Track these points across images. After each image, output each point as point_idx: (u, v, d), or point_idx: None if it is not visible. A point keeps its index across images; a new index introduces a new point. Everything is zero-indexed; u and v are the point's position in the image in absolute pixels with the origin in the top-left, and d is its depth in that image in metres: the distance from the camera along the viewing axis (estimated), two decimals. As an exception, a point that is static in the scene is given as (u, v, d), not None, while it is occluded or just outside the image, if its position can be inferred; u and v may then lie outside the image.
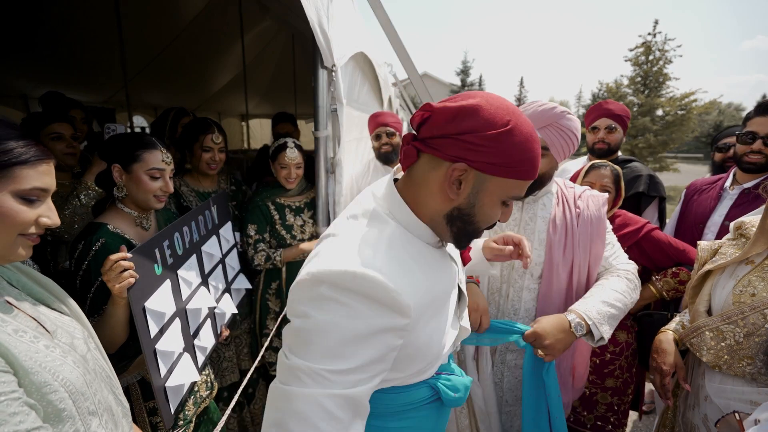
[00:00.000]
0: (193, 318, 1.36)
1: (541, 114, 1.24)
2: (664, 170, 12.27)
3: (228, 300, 1.64)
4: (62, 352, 0.70)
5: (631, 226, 1.69)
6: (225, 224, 1.73)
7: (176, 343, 1.24)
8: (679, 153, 15.68)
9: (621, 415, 1.75)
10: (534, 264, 1.36)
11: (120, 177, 1.28)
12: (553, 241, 1.34)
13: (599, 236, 1.34)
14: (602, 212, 1.38)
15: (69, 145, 1.83)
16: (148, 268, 1.16)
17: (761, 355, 1.07)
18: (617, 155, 2.29)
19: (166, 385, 1.18)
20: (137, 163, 1.28)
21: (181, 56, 4.06)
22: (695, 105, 12.52)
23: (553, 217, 1.37)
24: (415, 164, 0.74)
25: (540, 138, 1.20)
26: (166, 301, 1.21)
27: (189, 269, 1.37)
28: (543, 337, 1.14)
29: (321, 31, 1.60)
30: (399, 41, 2.08)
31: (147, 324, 1.12)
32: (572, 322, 1.18)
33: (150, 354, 1.13)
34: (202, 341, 1.40)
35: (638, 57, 13.32)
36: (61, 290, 0.83)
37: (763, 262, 1.15)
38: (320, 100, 1.73)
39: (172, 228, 1.32)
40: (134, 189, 1.29)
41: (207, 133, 1.89)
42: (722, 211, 1.82)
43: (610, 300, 1.24)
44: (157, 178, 1.31)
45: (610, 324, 1.21)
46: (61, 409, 0.66)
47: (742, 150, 1.73)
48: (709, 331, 1.18)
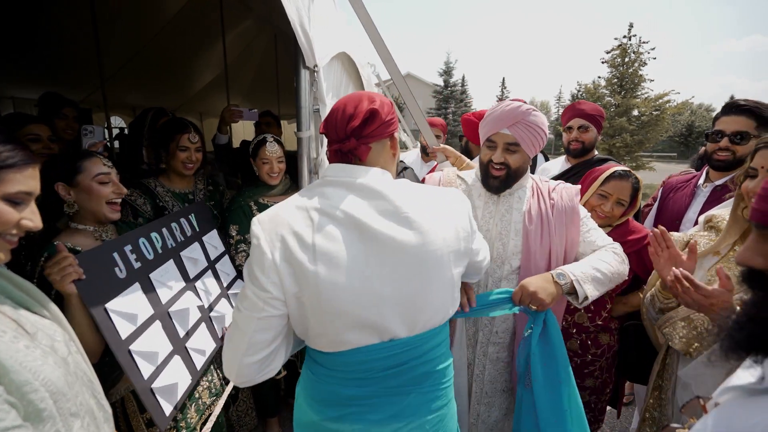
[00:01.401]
0: (180, 320, 1.37)
1: (509, 113, 1.33)
2: (640, 169, 12.66)
3: (226, 305, 1.64)
4: (43, 353, 0.70)
5: (636, 234, 1.70)
6: (209, 232, 1.75)
7: (160, 344, 1.24)
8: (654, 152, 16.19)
9: (597, 412, 1.80)
10: (512, 254, 1.42)
11: (67, 193, 1.26)
12: (529, 230, 1.40)
13: (573, 224, 1.42)
14: (575, 202, 1.44)
15: (45, 147, 1.79)
16: (105, 271, 1.17)
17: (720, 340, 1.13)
18: (593, 154, 2.36)
19: (153, 386, 1.17)
20: (81, 174, 1.26)
21: (160, 55, 3.99)
22: (669, 106, 12.98)
23: (528, 209, 1.43)
24: (371, 152, 0.96)
25: (510, 134, 1.33)
26: (137, 304, 1.22)
27: (166, 273, 1.39)
28: (526, 287, 1.19)
29: (302, 31, 1.60)
30: (381, 41, 2.10)
31: (113, 324, 1.13)
32: (554, 273, 1.24)
33: (124, 355, 1.12)
34: (198, 344, 1.40)
35: (614, 59, 13.73)
36: (42, 294, 0.82)
37: (728, 253, 1.22)
38: (302, 100, 1.73)
39: (136, 234, 1.33)
40: (86, 200, 1.27)
41: (183, 132, 1.87)
42: (696, 208, 1.87)
43: (595, 265, 1.29)
44: (106, 183, 1.30)
45: (595, 286, 1.25)
46: (42, 408, 0.65)
47: (712, 148, 1.79)
48: (681, 320, 1.24)
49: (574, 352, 1.74)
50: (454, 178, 1.57)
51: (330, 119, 0.96)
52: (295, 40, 1.61)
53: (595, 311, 1.72)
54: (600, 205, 1.68)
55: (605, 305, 1.73)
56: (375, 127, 0.93)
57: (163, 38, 3.75)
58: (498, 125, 1.35)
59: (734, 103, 1.72)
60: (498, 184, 1.41)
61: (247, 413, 2.23)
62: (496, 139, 1.37)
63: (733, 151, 1.72)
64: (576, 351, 1.74)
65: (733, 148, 1.72)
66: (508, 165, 1.37)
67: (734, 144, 1.71)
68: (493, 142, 1.39)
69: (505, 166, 1.37)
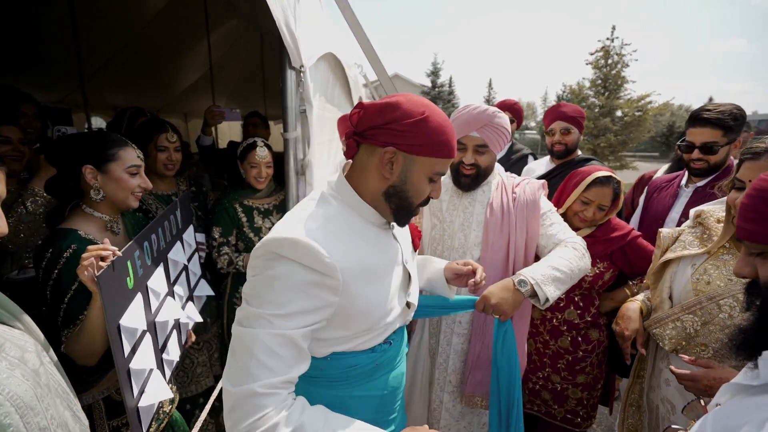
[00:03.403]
0: (161, 331, 1.30)
1: (477, 116, 1.40)
2: (624, 168, 12.92)
3: (191, 308, 1.58)
4: (9, 365, 0.66)
5: (619, 231, 1.74)
6: (187, 228, 1.66)
7: (148, 360, 1.17)
8: (636, 152, 16.55)
9: (590, 408, 1.83)
10: (473, 245, 1.50)
11: (94, 179, 1.21)
12: (490, 222, 1.48)
13: (534, 218, 1.48)
14: (537, 196, 1.51)
15: (15, 149, 1.70)
16: (120, 283, 1.08)
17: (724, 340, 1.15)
18: (576, 154, 2.40)
19: (139, 405, 1.11)
20: (113, 162, 1.23)
21: (143, 54, 3.90)
22: (650, 107, 13.27)
23: (490, 202, 1.51)
24: (357, 154, 0.91)
25: (479, 137, 1.41)
26: (138, 317, 1.14)
27: (157, 279, 1.31)
28: (488, 298, 1.22)
29: (288, 31, 1.58)
30: (368, 42, 2.09)
31: (122, 344, 1.05)
32: (515, 280, 1.26)
33: (124, 374, 1.05)
34: (170, 355, 1.34)
35: (598, 60, 13.97)
36: (12, 303, 0.79)
37: (718, 251, 1.24)
38: (289, 101, 1.71)
39: (142, 237, 1.24)
40: (113, 189, 1.24)
41: (161, 132, 1.84)
42: (679, 208, 1.91)
43: (554, 264, 1.31)
44: (135, 174, 1.27)
45: (556, 285, 1.27)
46: (7, 424, 0.62)
47: (687, 158, 1.82)
48: (672, 322, 1.26)
49: (566, 349, 1.78)
50: None
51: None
52: (281, 41, 1.59)
53: (584, 308, 1.76)
54: (582, 211, 1.72)
55: (593, 302, 1.77)
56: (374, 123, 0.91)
57: (145, 37, 3.67)
58: (467, 128, 1.43)
59: (698, 115, 1.72)
60: (469, 182, 1.50)
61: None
62: (466, 141, 1.45)
63: (706, 160, 1.75)
64: (567, 348, 1.77)
65: (705, 158, 1.75)
66: (479, 165, 1.46)
67: (705, 154, 1.74)
68: (463, 144, 1.46)
69: (475, 167, 1.46)
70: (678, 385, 1.24)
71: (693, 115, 1.76)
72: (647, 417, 1.44)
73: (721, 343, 1.16)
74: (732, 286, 1.15)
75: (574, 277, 1.34)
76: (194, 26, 3.59)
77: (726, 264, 1.20)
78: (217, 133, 6.58)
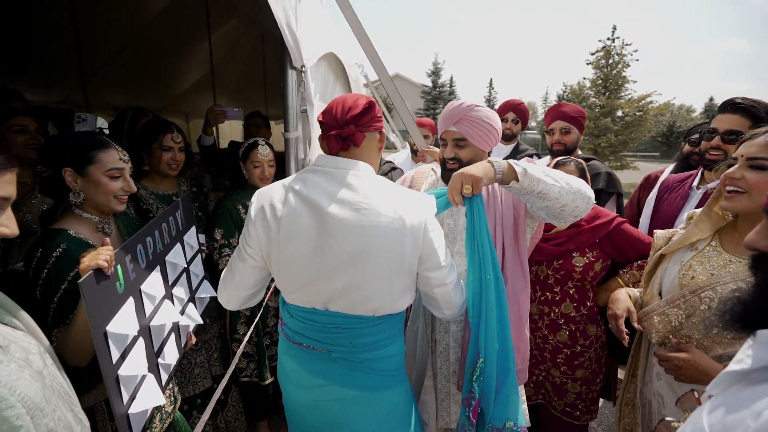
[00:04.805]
0: (156, 335, 1.27)
1: (453, 111, 1.42)
2: (624, 168, 12.90)
3: (193, 309, 1.56)
4: (18, 367, 0.66)
5: (602, 218, 1.72)
6: (189, 230, 1.63)
7: (140, 365, 1.14)
8: (637, 152, 16.53)
9: (589, 402, 1.84)
10: (462, 228, 1.48)
11: (74, 181, 1.20)
12: None
13: (522, 205, 1.47)
14: None
15: (33, 138, 1.72)
16: (108, 288, 1.05)
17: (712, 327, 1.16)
18: (576, 154, 2.40)
19: (129, 412, 1.08)
20: (92, 165, 1.20)
21: (144, 54, 3.90)
22: (651, 107, 13.25)
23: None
24: (365, 140, 1.14)
25: (456, 131, 1.43)
26: (128, 322, 1.10)
27: (153, 283, 1.27)
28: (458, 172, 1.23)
29: (289, 31, 1.58)
30: (369, 42, 2.09)
31: (109, 350, 1.02)
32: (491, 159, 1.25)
33: (112, 381, 1.02)
34: (167, 359, 1.31)
35: (599, 60, 13.95)
36: (13, 304, 0.78)
37: (704, 249, 1.26)
38: (290, 101, 1.71)
39: (135, 240, 1.20)
40: (92, 192, 1.22)
41: (166, 132, 1.84)
42: (689, 209, 1.81)
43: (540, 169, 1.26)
44: (117, 177, 1.24)
45: (533, 169, 1.22)
46: (18, 426, 0.61)
47: (705, 146, 1.74)
48: (657, 316, 1.28)
49: (564, 343, 1.80)
50: (428, 170, 1.70)
51: (329, 109, 1.13)
52: (282, 41, 1.59)
53: (579, 300, 1.78)
54: None
55: (588, 294, 1.78)
56: (370, 118, 1.13)
57: (146, 37, 3.67)
58: (446, 123, 1.45)
59: (731, 101, 1.66)
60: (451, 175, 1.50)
61: (237, 418, 2.20)
62: (446, 136, 1.48)
63: (725, 150, 1.67)
64: (566, 342, 1.80)
65: (725, 147, 1.67)
66: (459, 159, 1.46)
67: (725, 143, 1.66)
68: (444, 140, 1.50)
69: (456, 161, 1.46)
70: (668, 377, 1.25)
71: (726, 102, 1.69)
72: (640, 413, 1.45)
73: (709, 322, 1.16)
74: (713, 279, 1.17)
75: (562, 182, 1.24)
76: (195, 26, 3.60)
77: (710, 260, 1.22)
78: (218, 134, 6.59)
